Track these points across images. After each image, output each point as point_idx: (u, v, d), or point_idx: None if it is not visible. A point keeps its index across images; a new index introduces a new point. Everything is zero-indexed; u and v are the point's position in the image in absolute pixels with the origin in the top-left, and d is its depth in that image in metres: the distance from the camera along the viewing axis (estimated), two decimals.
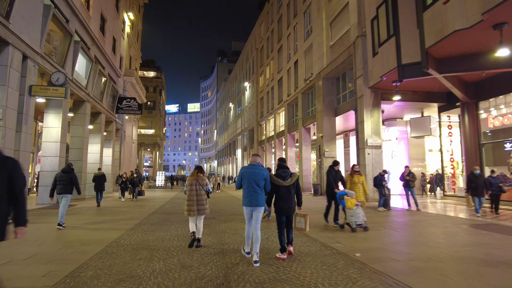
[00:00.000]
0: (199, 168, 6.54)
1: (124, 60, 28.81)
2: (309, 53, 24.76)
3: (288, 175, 5.43)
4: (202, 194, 6.18)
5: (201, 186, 6.20)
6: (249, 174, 5.22)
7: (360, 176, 9.29)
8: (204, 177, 6.43)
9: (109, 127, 23.94)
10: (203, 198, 6.18)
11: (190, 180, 6.25)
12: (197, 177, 6.27)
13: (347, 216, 7.97)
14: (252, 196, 5.13)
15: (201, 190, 6.19)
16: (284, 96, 30.43)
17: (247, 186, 5.19)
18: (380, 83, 15.47)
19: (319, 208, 12.57)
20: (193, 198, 6.09)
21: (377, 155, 16.00)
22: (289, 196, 5.38)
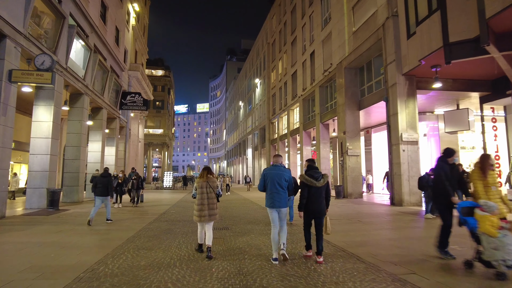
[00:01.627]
0: (208, 169, 5.91)
1: (129, 53, 27.19)
2: (328, 43, 22.70)
3: (320, 175, 5.26)
4: (213, 197, 5.64)
5: (211, 189, 5.64)
6: (272, 175, 5.18)
7: (495, 174, 5.04)
8: (214, 178, 5.84)
9: (112, 124, 22.28)
10: (214, 202, 5.63)
11: (200, 183, 5.66)
12: (207, 178, 5.69)
13: (485, 248, 4.35)
14: (275, 197, 5.10)
15: (211, 193, 5.64)
16: (299, 91, 28.41)
17: (270, 188, 5.16)
18: (415, 69, 13.37)
19: (350, 215, 10.53)
20: (204, 202, 5.53)
21: (413, 152, 13.88)
22: (320, 197, 5.22)
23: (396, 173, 13.93)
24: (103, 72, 19.27)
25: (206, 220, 5.48)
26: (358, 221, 9.29)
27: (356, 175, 18.83)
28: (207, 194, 5.59)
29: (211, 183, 5.66)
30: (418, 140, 13.98)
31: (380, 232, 7.54)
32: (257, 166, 45.65)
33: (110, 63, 20.49)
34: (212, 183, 5.67)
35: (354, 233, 7.47)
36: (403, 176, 13.58)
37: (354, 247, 6.01)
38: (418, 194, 13.62)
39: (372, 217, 10.12)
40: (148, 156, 64.07)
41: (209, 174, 5.78)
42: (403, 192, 13.49)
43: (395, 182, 14.06)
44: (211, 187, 5.64)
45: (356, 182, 18.79)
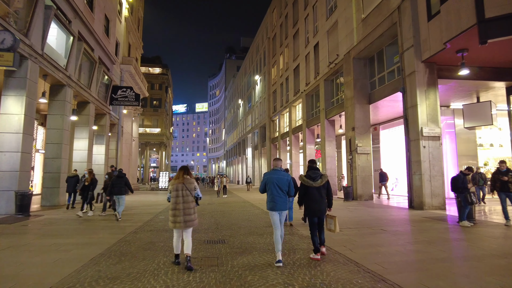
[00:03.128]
0: (185, 169, 5.31)
1: (122, 46, 25.58)
2: (334, 33, 21.11)
3: (318, 176, 5.44)
4: (189, 201, 5.05)
5: (188, 191, 5.05)
6: (273, 179, 5.30)
7: None
8: (192, 179, 5.24)
9: (102, 121, 20.67)
10: (190, 206, 5.04)
11: (175, 184, 5.07)
12: (184, 179, 5.10)
13: None
14: (277, 200, 5.22)
15: (188, 196, 5.05)
16: (302, 86, 26.82)
17: (271, 191, 5.26)
18: (437, 55, 11.78)
19: (369, 222, 8.93)
20: (179, 206, 4.97)
21: (435, 148, 12.28)
22: (320, 197, 5.38)
23: (416, 172, 12.34)
24: (90, 63, 17.67)
25: (181, 227, 4.91)
26: (381, 230, 7.69)
27: (367, 175, 17.24)
28: (182, 197, 4.98)
29: (188, 185, 5.06)
30: (440, 135, 12.39)
31: (418, 248, 5.93)
32: (257, 166, 44.04)
33: (99, 54, 18.88)
34: (189, 185, 5.07)
35: (385, 249, 5.86)
36: (424, 176, 11.99)
37: (395, 273, 4.41)
38: (441, 196, 12.04)
39: (396, 225, 8.53)
40: (146, 156, 62.47)
41: (186, 174, 5.17)
42: (424, 193, 11.90)
43: (414, 182, 12.46)
44: (187, 189, 5.02)
45: (367, 183, 17.20)
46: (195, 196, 5.17)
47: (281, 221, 5.31)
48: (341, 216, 10.41)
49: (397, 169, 21.04)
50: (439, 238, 6.75)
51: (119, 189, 9.99)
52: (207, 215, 11.37)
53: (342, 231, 7.57)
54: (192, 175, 5.44)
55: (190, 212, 4.97)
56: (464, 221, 8.13)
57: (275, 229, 5.25)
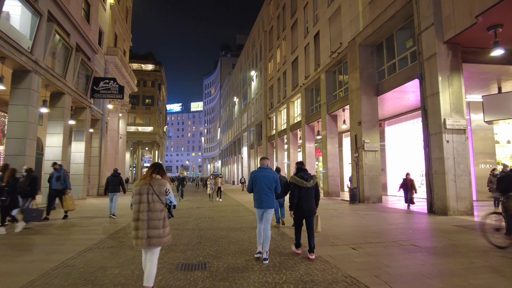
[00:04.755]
0: (156, 166, 3.86)
1: (106, 36, 23.62)
2: (336, 19, 19.33)
3: (310, 176, 5.42)
4: (157, 209, 3.61)
5: (156, 196, 3.62)
6: (260, 178, 5.26)
7: None
8: (164, 180, 3.76)
9: (81, 115, 18.73)
10: (158, 217, 3.60)
11: (139, 186, 3.68)
12: (151, 180, 3.70)
13: None
14: (264, 198, 5.20)
15: (155, 203, 3.61)
16: (300, 80, 25.02)
17: (258, 189, 5.24)
18: (463, 34, 10.04)
19: (390, 232, 7.10)
20: (142, 216, 3.56)
21: (460, 143, 10.52)
22: (310, 197, 5.37)
23: (437, 171, 10.57)
24: (65, 50, 15.73)
25: (143, 244, 3.57)
26: (414, 247, 5.89)
27: (375, 175, 15.48)
28: (147, 203, 3.65)
29: (156, 187, 3.70)
30: (466, 128, 10.63)
31: (492, 284, 4.11)
32: (252, 166, 42.20)
33: (76, 40, 16.93)
34: (157, 187, 3.70)
35: (439, 284, 4.03)
36: (448, 176, 10.22)
37: None
38: (467, 200, 10.28)
39: (427, 238, 6.77)
40: (138, 156, 60.42)
41: (156, 173, 3.82)
42: (448, 196, 10.14)
43: (435, 183, 10.69)
44: (155, 193, 3.68)
45: (375, 183, 15.44)
46: (167, 204, 3.82)
47: (266, 218, 5.29)
48: (353, 225, 8.60)
49: (404, 169, 19.37)
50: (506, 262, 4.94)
51: (114, 187, 10.57)
52: (192, 222, 9.52)
53: (363, 248, 5.78)
54: (166, 174, 4.01)
55: (157, 224, 3.60)
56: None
57: (258, 223, 5.31)
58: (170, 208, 3.88)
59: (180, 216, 10.94)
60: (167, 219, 3.75)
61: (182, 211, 12.60)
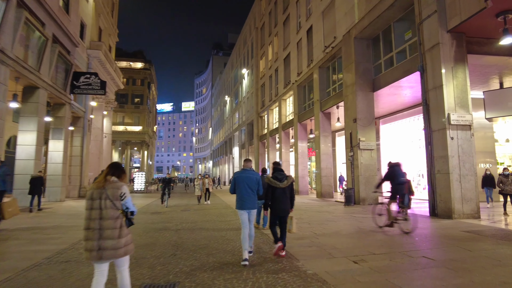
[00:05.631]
0: (114, 167, 3.33)
1: (89, 29, 22.39)
2: (330, 13, 18.50)
3: (284, 177, 5.50)
4: (111, 216, 3.10)
5: (110, 201, 3.11)
6: (242, 179, 5.29)
7: None
8: (120, 183, 3.26)
9: (60, 112, 17.53)
10: (113, 226, 3.08)
11: (91, 190, 3.18)
12: (105, 183, 3.19)
13: None
14: (246, 200, 5.22)
15: (109, 210, 3.10)
16: (293, 77, 24.15)
17: (241, 191, 5.26)
18: (468, 21, 9.25)
19: (387, 239, 6.21)
20: (94, 224, 3.07)
21: (465, 140, 9.72)
22: (285, 197, 5.43)
23: (441, 170, 9.75)
24: (39, 40, 14.55)
25: (93, 257, 3.01)
26: (426, 260, 5.00)
27: (371, 175, 14.65)
28: (99, 210, 3.07)
29: (111, 192, 3.13)
30: (471, 124, 9.84)
31: None
32: None
33: (53, 31, 15.75)
34: (112, 191, 3.14)
35: None
36: (452, 176, 9.40)
37: None
38: (473, 202, 9.48)
39: (438, 247, 5.90)
40: (126, 156, 58.88)
41: (112, 175, 3.25)
42: (453, 198, 9.31)
43: (438, 184, 9.87)
44: (109, 198, 3.10)
45: (371, 184, 14.57)
46: (124, 210, 3.22)
47: (250, 220, 5.30)
48: (352, 231, 7.70)
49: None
50: None
51: None
52: (172, 228, 8.51)
53: (366, 261, 4.87)
54: (125, 176, 3.43)
55: (111, 234, 3.08)
56: None
57: (243, 228, 5.21)
58: (127, 215, 3.26)
59: (160, 221, 9.93)
60: (125, 228, 3.20)
61: (164, 215, 11.58)
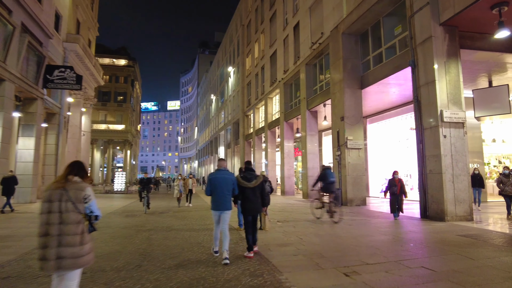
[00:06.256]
0: (75, 167, 2.99)
1: (65, 21, 21.22)
2: (318, 8, 17.97)
3: (253, 177, 5.62)
4: (71, 221, 2.78)
5: (71, 204, 2.80)
6: (218, 180, 5.31)
7: None
8: (84, 184, 2.94)
9: (30, 107, 16.41)
10: (74, 231, 2.77)
11: (50, 191, 2.83)
12: (66, 183, 2.86)
13: None
14: (221, 200, 5.28)
15: (69, 213, 2.78)
16: (279, 75, 23.55)
17: (216, 191, 5.29)
18: (462, 14, 8.82)
19: (379, 244, 5.62)
20: (52, 230, 2.73)
21: (458, 138, 9.27)
22: (255, 197, 5.55)
23: (433, 170, 9.27)
24: (5, 28, 13.46)
25: (50, 268, 2.67)
26: (425, 271, 4.42)
27: (359, 175, 14.16)
28: (59, 214, 2.74)
29: (73, 193, 2.81)
30: (465, 121, 9.40)
31: None
32: (229, 166, 40.39)
33: (22, 20, 14.66)
34: (74, 193, 2.82)
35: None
36: (445, 176, 8.94)
37: None
38: (466, 203, 9.04)
39: (435, 254, 5.35)
40: (109, 156, 57.21)
41: (72, 174, 2.91)
42: (446, 199, 8.85)
43: (429, 184, 9.40)
44: (70, 200, 2.78)
45: (358, 184, 14.13)
46: (87, 214, 2.92)
47: (225, 220, 5.33)
48: (341, 235, 7.10)
49: (387, 168, 18.31)
50: None
51: None
52: (143, 234, 7.72)
53: (359, 273, 4.24)
54: (87, 176, 3.09)
55: (72, 241, 2.75)
56: None
57: (215, 226, 5.36)
58: (91, 219, 2.93)
59: (133, 225, 9.11)
60: (86, 234, 2.87)
61: (139, 218, 10.74)
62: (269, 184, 8.43)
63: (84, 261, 2.80)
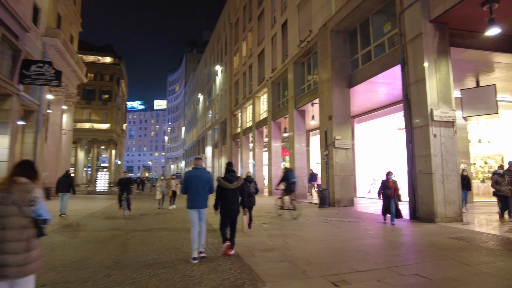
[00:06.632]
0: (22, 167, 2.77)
1: (45, 14, 20.34)
2: (306, 6, 17.69)
3: (234, 178, 5.55)
4: (16, 226, 2.55)
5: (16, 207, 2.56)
6: (194, 178, 5.32)
7: None
8: (32, 185, 2.69)
9: (5, 104, 15.54)
10: (18, 237, 2.55)
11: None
12: (11, 185, 2.62)
13: None
14: (197, 198, 5.27)
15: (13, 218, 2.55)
16: (267, 73, 23.20)
17: (192, 190, 5.28)
18: (452, 11, 8.62)
19: (368, 248, 5.30)
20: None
21: (448, 138, 9.07)
22: (235, 198, 5.49)
23: (422, 170, 9.04)
24: None
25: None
26: (420, 279, 4.08)
27: (346, 175, 13.91)
28: (1, 218, 2.52)
29: (19, 195, 2.58)
30: (454, 120, 9.21)
31: None
32: (216, 166, 39.88)
33: None
34: (20, 195, 2.59)
35: None
36: (435, 176, 8.71)
37: None
38: (456, 204, 8.84)
39: (432, 261, 5.04)
40: (93, 155, 55.88)
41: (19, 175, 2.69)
42: (436, 200, 8.62)
43: (419, 185, 9.17)
44: (15, 203, 2.55)
45: (346, 185, 13.88)
46: (35, 218, 2.62)
47: (201, 219, 5.34)
48: (329, 239, 6.76)
49: (374, 168, 18.23)
50: None
51: (63, 187, 11.13)
52: (119, 238, 7.21)
53: (349, 283, 3.89)
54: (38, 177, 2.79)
55: (17, 248, 2.50)
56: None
57: (193, 227, 5.26)
58: (38, 223, 2.66)
59: (110, 228, 8.57)
60: (33, 239, 2.64)
61: (117, 221, 10.19)
62: (254, 185, 8.07)
63: (31, 268, 2.58)
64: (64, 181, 11.47)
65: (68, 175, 11.85)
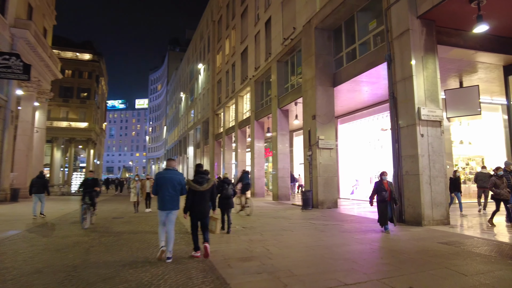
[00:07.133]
0: None
1: (14, 4, 19.08)
2: (290, 2, 17.27)
3: (204, 180, 5.51)
4: None
5: None
6: (165, 179, 5.29)
7: None
8: None
9: None
10: None
11: None
12: None
13: None
14: (168, 200, 5.22)
15: None
16: (250, 72, 22.67)
17: (163, 191, 5.23)
18: (440, 7, 8.34)
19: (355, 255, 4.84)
20: None
21: (435, 138, 8.78)
22: (204, 200, 5.48)
23: (409, 171, 8.72)
24: None
25: None
26: None
27: (330, 176, 13.55)
28: None
29: None
30: (442, 120, 8.94)
31: None
32: None
33: None
34: None
35: None
36: (422, 177, 8.40)
37: None
38: (443, 206, 8.55)
39: (426, 271, 4.63)
40: (70, 155, 53.80)
41: None
42: (423, 202, 8.30)
43: (406, 186, 8.84)
44: None
45: (330, 186, 13.52)
46: None
47: (171, 221, 5.30)
48: (312, 245, 6.28)
49: (357, 169, 18.02)
50: None
51: (37, 188, 10.71)
52: (85, 244, 6.50)
53: None
54: None
55: None
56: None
57: (160, 225, 5.31)
58: None
59: (76, 234, 7.81)
60: None
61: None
62: (232, 187, 7.53)
63: None
64: (38, 182, 10.96)
65: (43, 176, 11.35)
